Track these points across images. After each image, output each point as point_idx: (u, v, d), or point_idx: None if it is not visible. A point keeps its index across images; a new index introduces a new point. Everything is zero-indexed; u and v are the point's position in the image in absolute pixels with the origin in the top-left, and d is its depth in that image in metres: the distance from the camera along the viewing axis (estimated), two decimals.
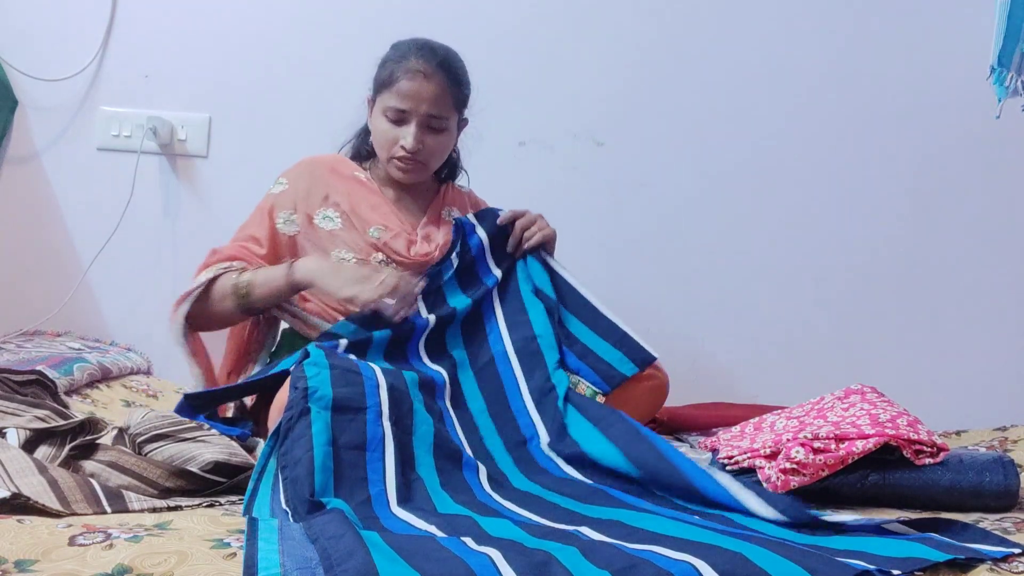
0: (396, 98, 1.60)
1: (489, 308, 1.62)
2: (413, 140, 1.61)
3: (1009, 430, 1.68)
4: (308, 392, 1.21)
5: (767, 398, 1.93)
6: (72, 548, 0.90)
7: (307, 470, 1.11)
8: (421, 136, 1.62)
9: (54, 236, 2.23)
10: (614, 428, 1.31)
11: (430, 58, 1.61)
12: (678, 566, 0.86)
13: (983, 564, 0.90)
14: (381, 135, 1.65)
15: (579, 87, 2.21)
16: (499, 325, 1.59)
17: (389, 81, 1.62)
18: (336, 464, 1.14)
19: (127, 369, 1.96)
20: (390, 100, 1.61)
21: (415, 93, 1.60)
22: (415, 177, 1.68)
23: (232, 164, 2.22)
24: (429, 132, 1.63)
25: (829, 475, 1.25)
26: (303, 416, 1.18)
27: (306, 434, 1.16)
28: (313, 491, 1.10)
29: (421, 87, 1.60)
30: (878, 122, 2.18)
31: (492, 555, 0.90)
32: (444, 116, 1.63)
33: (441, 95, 1.62)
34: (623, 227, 2.22)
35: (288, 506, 1.09)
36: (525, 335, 1.57)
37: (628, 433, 1.29)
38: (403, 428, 1.24)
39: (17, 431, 1.24)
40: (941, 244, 2.17)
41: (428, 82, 1.60)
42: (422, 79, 1.60)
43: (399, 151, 1.63)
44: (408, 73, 1.60)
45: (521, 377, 1.51)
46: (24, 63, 2.21)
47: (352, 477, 1.13)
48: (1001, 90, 1.59)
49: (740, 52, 2.20)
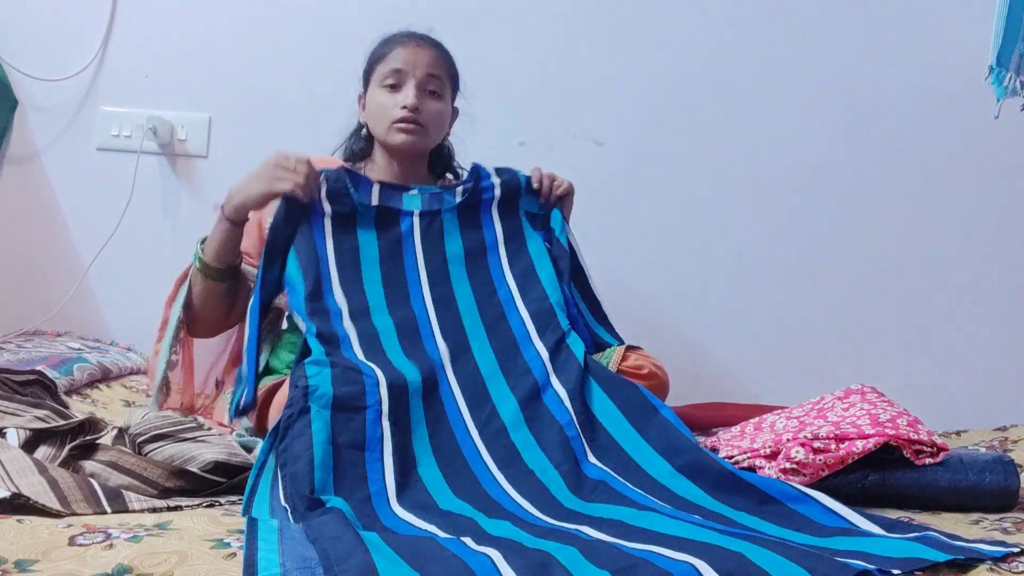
0: (392, 62, 1.62)
1: (497, 267, 1.58)
2: (413, 97, 1.61)
3: (1009, 430, 1.68)
4: (309, 391, 1.21)
5: (767, 398, 1.93)
6: (72, 548, 0.90)
7: (306, 467, 1.12)
8: (420, 96, 1.62)
9: (54, 236, 2.23)
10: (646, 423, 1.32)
11: (420, 34, 1.66)
12: (678, 566, 0.86)
13: (983, 564, 0.90)
14: (379, 107, 1.63)
15: (579, 87, 2.21)
16: (509, 286, 1.55)
17: (382, 55, 1.64)
18: (336, 462, 1.14)
19: (127, 369, 1.96)
20: (385, 68, 1.62)
21: (411, 56, 1.62)
22: (416, 141, 1.64)
23: (232, 164, 2.20)
24: (427, 96, 1.63)
25: (829, 475, 1.25)
26: (303, 414, 1.19)
27: (306, 432, 1.16)
28: (313, 488, 1.10)
29: (416, 51, 1.63)
30: (877, 122, 2.18)
31: (492, 555, 0.90)
32: (440, 79, 1.65)
33: (436, 60, 1.65)
34: (623, 227, 2.22)
35: (287, 503, 1.09)
36: (537, 297, 1.53)
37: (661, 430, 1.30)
38: (403, 427, 1.24)
39: (17, 431, 1.23)
40: (941, 244, 2.17)
41: (422, 47, 1.64)
42: (414, 45, 1.64)
43: (399, 112, 1.61)
44: (402, 42, 1.64)
45: (535, 333, 1.48)
46: (24, 63, 2.21)
47: (352, 475, 1.14)
48: (1000, 90, 1.59)
49: (740, 52, 2.20)
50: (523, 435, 1.31)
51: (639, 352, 1.65)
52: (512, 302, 1.52)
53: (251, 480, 1.16)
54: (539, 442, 1.29)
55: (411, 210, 1.56)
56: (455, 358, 1.42)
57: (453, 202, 1.59)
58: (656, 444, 1.27)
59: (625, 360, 1.60)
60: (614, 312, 1.66)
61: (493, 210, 1.61)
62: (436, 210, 1.58)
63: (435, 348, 1.43)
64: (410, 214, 1.56)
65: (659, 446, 1.27)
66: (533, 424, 1.32)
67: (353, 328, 1.41)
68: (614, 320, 1.66)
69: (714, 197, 2.21)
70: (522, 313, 1.50)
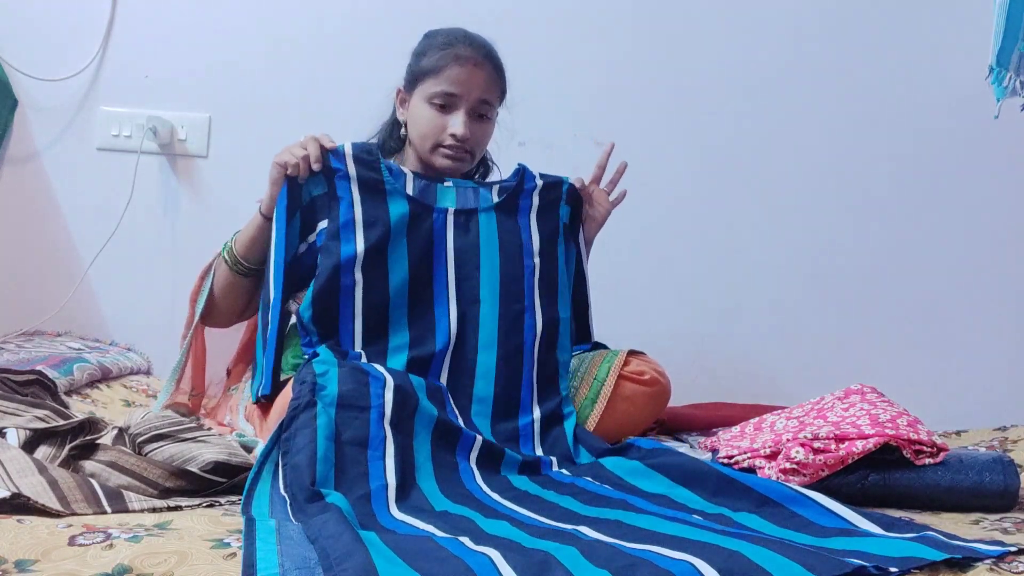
0: (446, 83, 1.55)
1: (531, 277, 1.55)
2: (463, 127, 1.55)
3: (1009, 430, 1.68)
4: (315, 388, 1.22)
5: (767, 398, 1.92)
6: (72, 548, 0.90)
7: (309, 459, 1.13)
8: (469, 123, 1.56)
9: (54, 236, 2.23)
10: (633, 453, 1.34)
11: (478, 47, 1.58)
12: (678, 565, 0.86)
13: (983, 564, 0.90)
14: (426, 123, 1.57)
15: (579, 87, 2.21)
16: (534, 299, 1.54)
17: (435, 70, 1.56)
18: (338, 458, 1.15)
19: (127, 369, 1.96)
20: (438, 86, 1.55)
21: (466, 79, 1.55)
22: (460, 166, 1.60)
23: (232, 164, 2.22)
24: (476, 120, 1.58)
25: (829, 475, 1.25)
26: (308, 408, 1.20)
27: (310, 425, 1.18)
28: (314, 480, 1.11)
29: (472, 73, 1.56)
30: (877, 122, 2.18)
31: (491, 555, 0.90)
32: (492, 104, 1.60)
33: (491, 82, 1.59)
34: (623, 227, 2.21)
35: (287, 492, 1.10)
36: (551, 308, 1.55)
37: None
38: (404, 432, 1.24)
39: (17, 431, 1.24)
40: (941, 244, 2.17)
41: (479, 69, 1.56)
42: (472, 66, 1.56)
43: (448, 139, 1.56)
44: (459, 60, 1.55)
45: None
46: (24, 63, 2.21)
47: (353, 472, 1.15)
48: (1000, 90, 1.59)
49: (740, 52, 2.20)
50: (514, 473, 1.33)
51: (641, 357, 1.65)
52: (532, 313, 1.53)
53: (254, 469, 1.16)
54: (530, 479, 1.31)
55: (445, 207, 1.54)
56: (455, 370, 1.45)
57: (491, 200, 1.57)
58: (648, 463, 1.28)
59: (627, 365, 1.61)
60: (614, 311, 1.67)
61: (532, 217, 1.59)
62: (472, 209, 1.55)
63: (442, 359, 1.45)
64: (444, 212, 1.53)
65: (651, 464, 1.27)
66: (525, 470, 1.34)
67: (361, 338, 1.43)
68: (614, 319, 1.67)
69: (714, 197, 2.21)
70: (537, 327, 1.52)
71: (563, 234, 1.61)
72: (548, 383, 1.52)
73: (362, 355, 1.41)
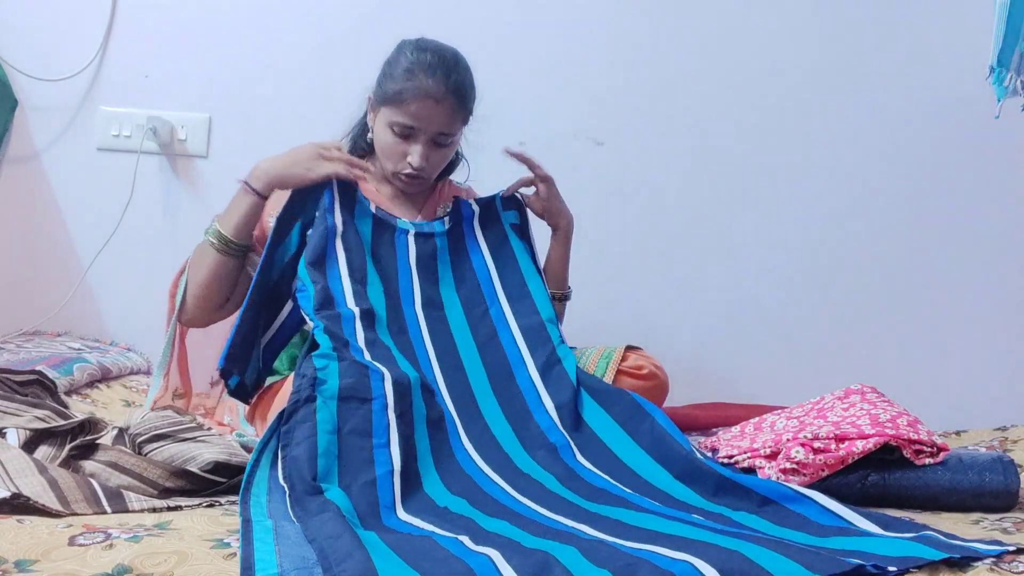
0: (406, 116, 1.54)
1: (488, 285, 1.59)
2: (419, 158, 1.56)
3: (1009, 430, 1.68)
4: (315, 382, 1.22)
5: (767, 398, 1.92)
6: (72, 548, 0.90)
7: (309, 452, 1.13)
8: (427, 153, 1.57)
9: (54, 236, 2.23)
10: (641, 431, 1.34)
11: (442, 79, 1.55)
12: (678, 565, 0.86)
13: (982, 563, 0.90)
14: (386, 146, 1.59)
15: (579, 87, 2.21)
16: (501, 304, 1.56)
17: (397, 99, 1.55)
18: (340, 449, 1.15)
19: (127, 369, 1.96)
20: (397, 116, 1.55)
21: (426, 116, 1.54)
22: (416, 190, 1.65)
23: (232, 164, 2.20)
24: (435, 148, 1.59)
25: (829, 475, 1.25)
26: (309, 401, 1.20)
27: (310, 419, 1.18)
28: (315, 475, 1.11)
29: (432, 111, 1.54)
30: (877, 122, 2.18)
31: (492, 555, 0.90)
32: (452, 133, 1.60)
33: (451, 117, 1.57)
34: (623, 227, 2.22)
35: (285, 482, 1.11)
36: (528, 312, 1.55)
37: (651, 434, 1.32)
38: (406, 421, 1.24)
39: (17, 431, 1.24)
40: (941, 244, 2.17)
41: (440, 106, 1.54)
42: (434, 103, 1.54)
43: (405, 167, 1.58)
44: (419, 96, 1.53)
45: (526, 352, 1.49)
46: (24, 63, 2.20)
47: (358, 459, 1.15)
48: (1000, 90, 1.59)
49: (740, 52, 2.20)
50: (516, 448, 1.32)
51: (639, 352, 1.65)
52: (504, 319, 1.54)
53: (252, 458, 1.16)
54: (532, 456, 1.31)
55: (407, 229, 1.58)
56: (448, 376, 1.44)
57: (443, 228, 1.61)
58: (653, 452, 1.29)
59: (625, 360, 1.61)
60: (614, 311, 1.67)
61: (475, 225, 1.64)
62: (430, 233, 1.60)
63: (429, 365, 1.44)
64: (406, 232, 1.58)
65: (656, 454, 1.28)
66: (525, 442, 1.34)
67: (362, 333, 1.42)
68: (614, 319, 1.67)
69: (714, 196, 2.21)
70: (514, 331, 1.52)
71: (513, 235, 1.64)
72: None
73: (364, 351, 1.40)
